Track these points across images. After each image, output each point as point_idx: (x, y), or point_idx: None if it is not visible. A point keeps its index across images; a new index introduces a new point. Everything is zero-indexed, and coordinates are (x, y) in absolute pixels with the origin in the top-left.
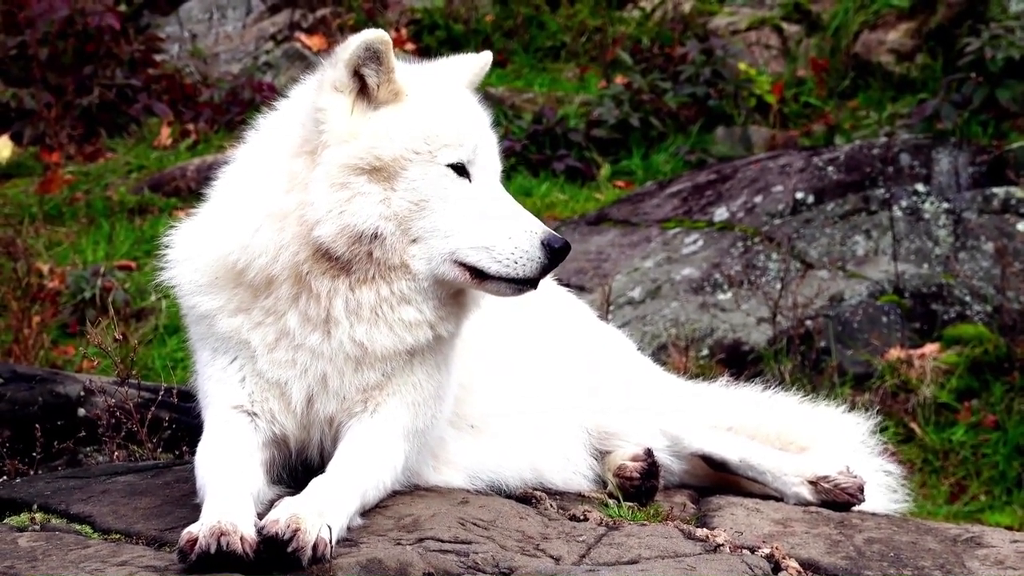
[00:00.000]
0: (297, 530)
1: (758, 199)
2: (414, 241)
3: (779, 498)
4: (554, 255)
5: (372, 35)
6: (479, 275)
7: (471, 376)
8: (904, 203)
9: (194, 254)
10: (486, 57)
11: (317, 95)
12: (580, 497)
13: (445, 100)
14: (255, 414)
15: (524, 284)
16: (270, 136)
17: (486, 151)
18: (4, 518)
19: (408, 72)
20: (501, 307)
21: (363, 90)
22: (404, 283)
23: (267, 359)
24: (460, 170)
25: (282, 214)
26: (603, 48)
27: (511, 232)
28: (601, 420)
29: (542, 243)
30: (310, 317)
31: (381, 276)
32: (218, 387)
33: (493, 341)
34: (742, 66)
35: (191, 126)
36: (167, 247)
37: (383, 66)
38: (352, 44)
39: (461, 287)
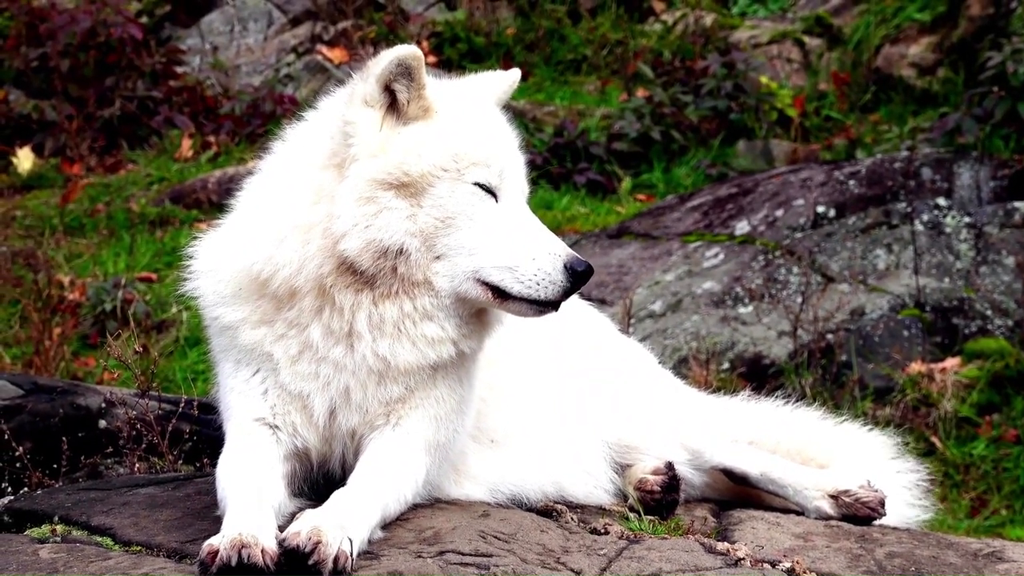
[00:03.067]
0: (318, 542)
1: (779, 213)
2: (438, 258)
3: (800, 512)
4: (576, 279)
5: (405, 51)
6: (501, 295)
7: (492, 390)
8: (925, 217)
9: (218, 265)
10: (515, 75)
11: (347, 108)
12: (601, 510)
13: (475, 118)
14: (277, 427)
15: (545, 306)
16: (296, 148)
17: (513, 171)
18: (25, 530)
19: (438, 88)
20: (522, 321)
21: (393, 105)
22: (427, 299)
23: (290, 371)
24: (487, 189)
25: (308, 226)
26: (624, 61)
27: (535, 253)
28: (622, 434)
29: (565, 266)
30: (333, 330)
31: (404, 291)
32: (240, 399)
33: (514, 355)
34: (763, 80)
35: (212, 138)
36: (191, 258)
37: (414, 82)
38: (384, 59)
39: (483, 306)
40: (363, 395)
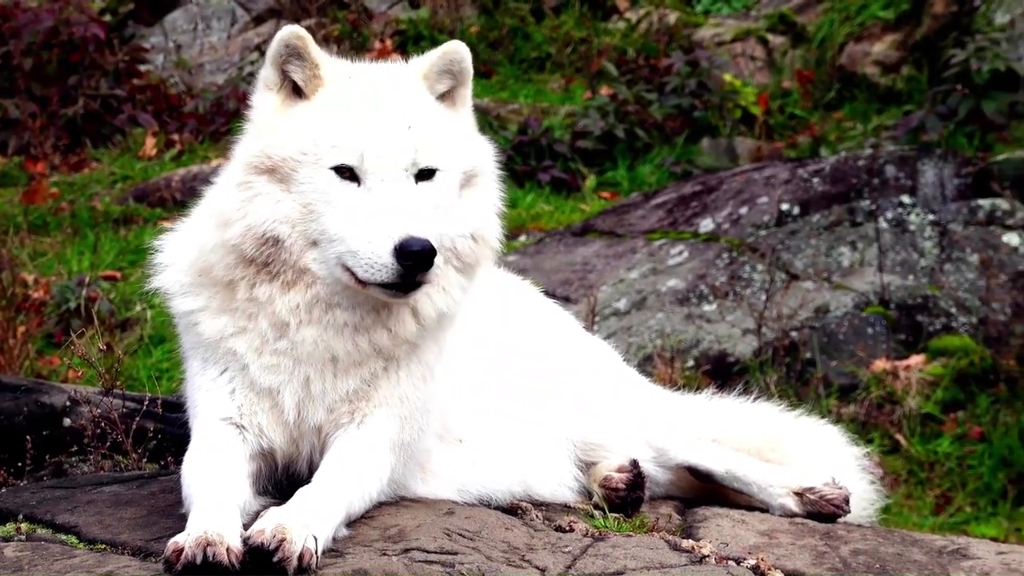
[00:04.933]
0: (283, 540)
1: (743, 210)
2: (314, 244)
3: (765, 509)
4: (410, 260)
5: (287, 32)
6: (359, 280)
7: (457, 388)
8: (889, 215)
9: (179, 257)
10: (451, 45)
11: (254, 93)
12: (566, 508)
13: (350, 97)
14: (243, 427)
15: (391, 288)
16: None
17: (378, 152)
18: None
19: (346, 69)
20: (485, 319)
21: (297, 88)
22: (319, 287)
23: (257, 365)
24: (348, 173)
25: (218, 214)
26: (588, 59)
27: (371, 236)
28: (586, 431)
29: (395, 248)
30: (273, 322)
31: (299, 279)
32: (207, 397)
33: (478, 353)
34: (727, 77)
35: (176, 136)
36: (156, 251)
37: (306, 62)
38: (274, 42)
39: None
40: (322, 386)
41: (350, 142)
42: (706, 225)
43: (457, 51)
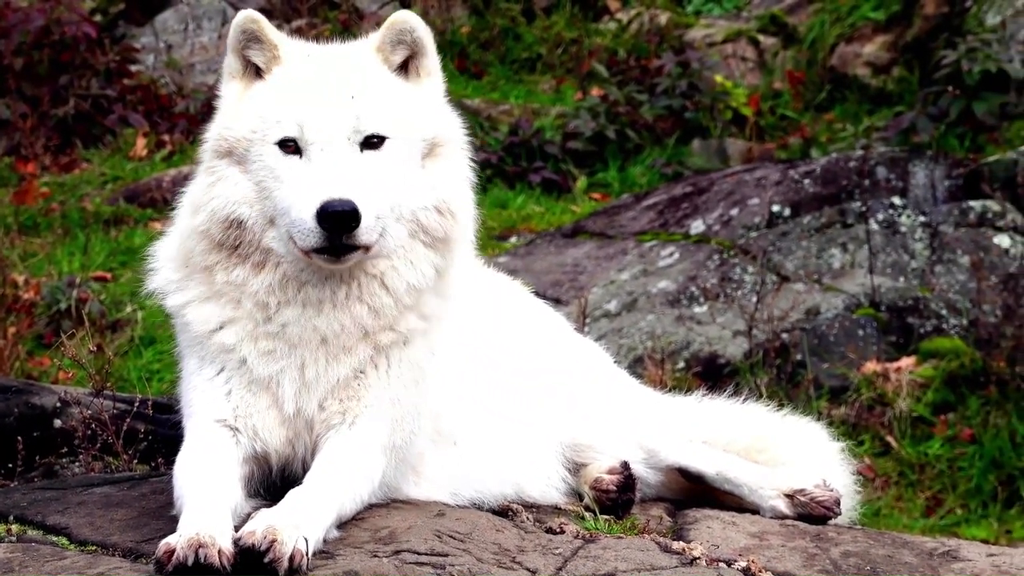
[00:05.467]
0: (274, 541)
1: (734, 212)
2: (271, 222)
3: (755, 511)
4: (328, 221)
5: (242, 17)
6: (301, 249)
7: (450, 390)
8: (880, 216)
9: (168, 257)
10: (399, 15)
11: (221, 84)
12: (556, 510)
13: (301, 74)
14: (237, 429)
15: (324, 254)
16: None
17: (318, 122)
18: None
19: (304, 48)
20: (476, 319)
21: (259, 72)
22: (286, 265)
23: (255, 353)
24: (291, 147)
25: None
26: (579, 60)
27: (301, 205)
28: (577, 433)
29: (315, 212)
30: (256, 302)
31: (266, 259)
32: (202, 398)
33: (469, 353)
34: (718, 78)
35: (166, 137)
36: (151, 255)
37: (265, 44)
38: (231, 29)
39: (312, 264)
40: (315, 371)
41: (291, 115)
42: (697, 226)
43: (405, 20)
